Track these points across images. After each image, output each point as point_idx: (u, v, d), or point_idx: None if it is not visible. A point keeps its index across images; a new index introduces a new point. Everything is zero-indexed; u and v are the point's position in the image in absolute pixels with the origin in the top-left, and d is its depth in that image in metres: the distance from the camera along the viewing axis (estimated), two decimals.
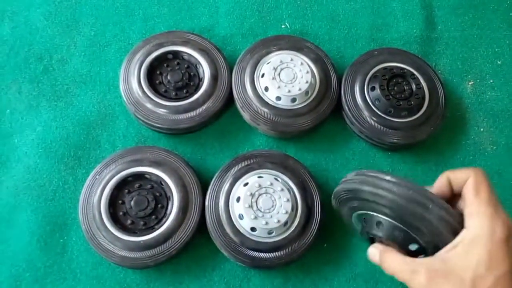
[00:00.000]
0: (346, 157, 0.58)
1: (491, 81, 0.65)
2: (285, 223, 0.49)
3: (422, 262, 0.35)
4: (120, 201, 0.50)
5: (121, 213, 0.49)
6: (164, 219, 0.49)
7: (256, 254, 0.49)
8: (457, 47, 0.66)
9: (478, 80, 0.65)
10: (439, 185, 0.38)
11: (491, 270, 0.31)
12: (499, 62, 0.66)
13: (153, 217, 0.49)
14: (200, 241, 0.51)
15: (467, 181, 0.35)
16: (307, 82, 0.55)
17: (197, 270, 0.51)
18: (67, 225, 0.52)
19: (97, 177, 0.50)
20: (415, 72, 0.58)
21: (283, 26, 0.66)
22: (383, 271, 0.53)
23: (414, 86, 0.57)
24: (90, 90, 0.59)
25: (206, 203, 0.50)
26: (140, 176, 0.51)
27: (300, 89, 0.55)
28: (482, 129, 0.62)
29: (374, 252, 0.40)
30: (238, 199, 0.49)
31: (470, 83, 0.64)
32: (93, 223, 0.48)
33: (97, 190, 0.49)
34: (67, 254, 0.51)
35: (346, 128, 0.59)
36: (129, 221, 0.49)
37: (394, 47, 0.63)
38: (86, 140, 0.57)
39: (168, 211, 0.50)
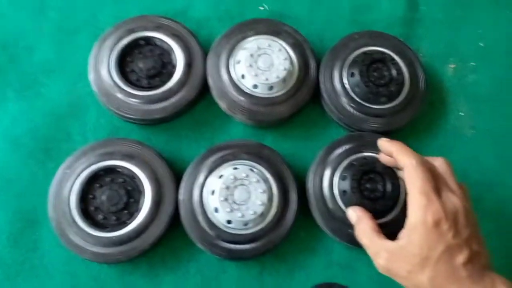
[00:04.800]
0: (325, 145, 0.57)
1: (473, 63, 0.63)
2: (261, 214, 0.48)
3: (384, 244, 0.41)
4: (91, 196, 0.49)
5: (92, 208, 0.48)
6: (137, 214, 0.48)
7: (232, 246, 0.48)
8: (439, 28, 0.64)
9: (460, 63, 0.63)
10: (385, 158, 0.47)
11: (431, 251, 0.38)
12: (481, 44, 0.64)
13: (126, 211, 0.48)
14: (175, 234, 0.50)
15: (404, 170, 0.41)
16: (285, 69, 0.53)
17: (172, 263, 0.51)
18: (38, 221, 0.51)
19: (67, 171, 0.49)
20: (395, 57, 0.57)
21: (261, 8, 0.63)
22: (359, 258, 0.53)
23: (394, 72, 0.56)
24: (59, 79, 0.57)
25: (180, 196, 0.49)
26: (111, 170, 0.49)
27: (277, 77, 0.53)
28: (462, 113, 0.61)
29: (352, 215, 0.47)
30: (213, 192, 0.48)
31: (451, 66, 0.63)
32: (63, 219, 0.47)
33: (66, 184, 0.48)
34: (39, 250, 0.50)
35: (325, 116, 0.58)
36: (100, 216, 0.48)
37: (376, 30, 0.61)
38: (56, 132, 0.55)
39: (140, 206, 0.48)
